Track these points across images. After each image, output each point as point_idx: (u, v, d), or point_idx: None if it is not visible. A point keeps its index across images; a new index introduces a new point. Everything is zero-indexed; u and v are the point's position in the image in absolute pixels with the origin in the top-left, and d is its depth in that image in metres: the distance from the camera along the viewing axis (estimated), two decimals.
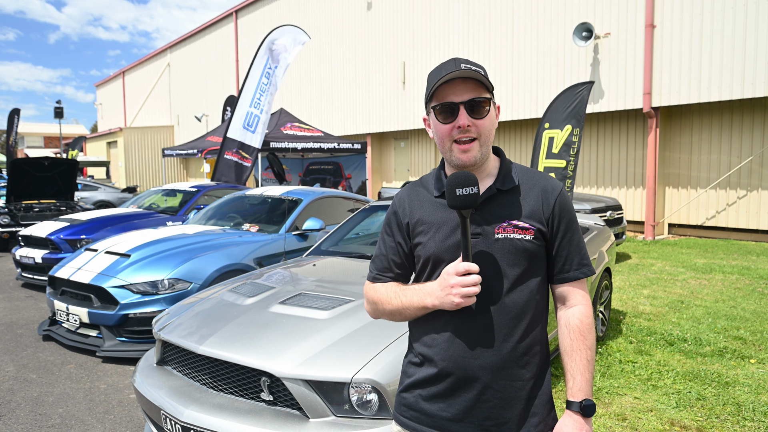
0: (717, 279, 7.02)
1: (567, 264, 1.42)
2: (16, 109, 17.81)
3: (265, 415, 2.22)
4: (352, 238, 4.46)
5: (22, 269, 7.11)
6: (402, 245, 1.49)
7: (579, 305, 1.43)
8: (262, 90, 10.90)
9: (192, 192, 8.18)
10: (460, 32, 14.42)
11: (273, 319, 2.64)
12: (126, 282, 4.39)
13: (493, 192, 1.41)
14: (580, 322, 1.41)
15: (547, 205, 1.41)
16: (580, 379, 1.38)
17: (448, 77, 1.34)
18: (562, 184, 1.46)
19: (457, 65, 1.35)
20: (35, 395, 3.74)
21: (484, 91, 1.37)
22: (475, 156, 1.38)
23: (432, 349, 1.40)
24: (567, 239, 1.42)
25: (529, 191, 1.42)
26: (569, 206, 1.45)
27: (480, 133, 1.37)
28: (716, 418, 3.24)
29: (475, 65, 1.38)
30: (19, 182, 10.14)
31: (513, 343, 1.36)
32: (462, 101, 1.35)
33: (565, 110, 6.31)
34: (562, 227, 1.42)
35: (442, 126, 1.38)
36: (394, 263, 1.50)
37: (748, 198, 10.23)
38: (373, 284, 1.53)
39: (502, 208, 1.40)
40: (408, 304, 1.41)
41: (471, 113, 1.36)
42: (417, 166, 17.00)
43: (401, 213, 1.50)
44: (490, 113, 1.39)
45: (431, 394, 1.40)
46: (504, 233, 1.37)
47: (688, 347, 4.46)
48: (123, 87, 36.17)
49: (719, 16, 9.70)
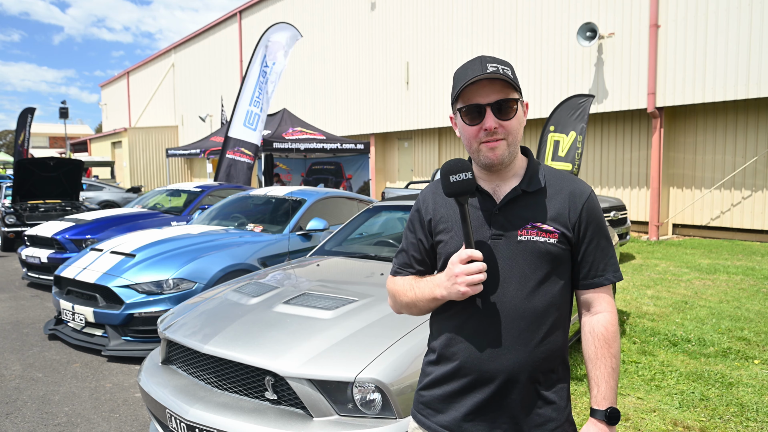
0: (721, 279, 7.00)
1: (593, 270, 1.39)
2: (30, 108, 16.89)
3: (269, 414, 2.24)
4: (356, 238, 4.47)
5: (27, 269, 7.15)
6: (423, 242, 1.49)
7: (604, 312, 1.40)
8: (260, 88, 11.01)
9: (196, 192, 8.21)
10: (464, 32, 14.42)
11: (277, 318, 2.65)
12: (131, 282, 4.42)
13: (518, 193, 1.38)
14: (605, 330, 1.39)
15: (574, 209, 1.38)
16: (605, 387, 1.36)
17: (475, 79, 1.31)
18: (591, 188, 1.43)
19: (483, 66, 1.32)
20: (41, 394, 3.77)
21: (511, 91, 1.34)
22: (503, 154, 1.35)
23: (449, 348, 1.40)
24: (594, 245, 1.39)
25: (555, 194, 1.39)
26: (597, 211, 1.41)
27: (508, 134, 1.35)
28: (719, 419, 3.24)
29: (503, 64, 1.34)
30: (24, 182, 10.20)
31: (532, 346, 1.34)
32: (488, 103, 1.32)
33: (569, 117, 6.36)
34: (589, 232, 1.39)
35: (469, 128, 1.36)
36: (414, 259, 1.51)
37: (752, 198, 10.19)
38: (393, 278, 1.55)
39: (526, 210, 1.37)
40: (420, 295, 1.42)
41: (498, 115, 1.33)
42: (420, 167, 16.99)
43: (424, 210, 1.50)
44: (517, 113, 1.36)
45: (447, 393, 1.40)
46: (527, 235, 1.35)
47: (691, 348, 4.46)
48: (127, 87, 36.29)
49: (724, 15, 9.67)
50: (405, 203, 4.35)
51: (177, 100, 29.89)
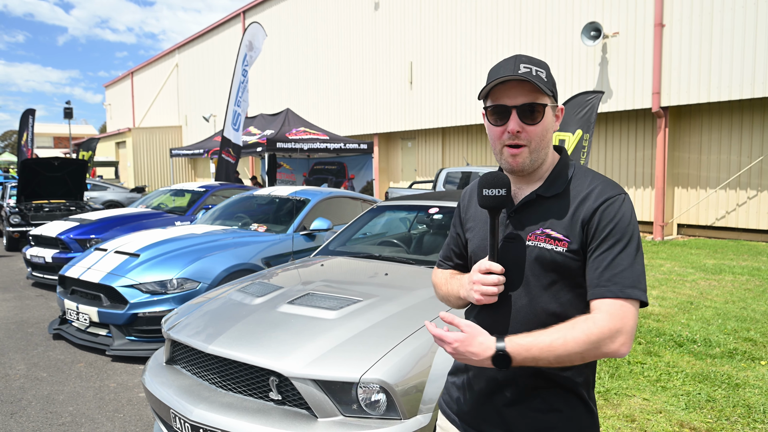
0: (727, 280, 6.97)
1: (595, 278, 1.25)
2: (30, 109, 17.57)
3: (273, 415, 2.23)
4: (360, 238, 4.47)
5: (32, 268, 7.17)
6: (460, 236, 1.54)
7: (598, 314, 1.21)
8: (243, 89, 11.49)
9: (200, 192, 8.22)
10: (468, 32, 14.40)
11: (281, 318, 2.65)
12: (135, 281, 4.42)
13: (532, 197, 1.35)
14: (585, 318, 1.21)
15: (587, 213, 1.29)
16: (528, 337, 1.20)
17: (503, 80, 1.28)
18: (618, 192, 1.31)
19: (516, 66, 1.28)
20: (46, 393, 3.78)
21: (541, 95, 1.29)
22: (524, 162, 1.32)
23: None
24: (603, 251, 1.25)
25: (575, 199, 1.32)
26: (618, 217, 1.26)
27: (530, 140, 1.30)
28: (726, 420, 3.21)
29: (538, 66, 1.30)
30: (29, 182, 10.24)
31: None
32: (515, 105, 1.29)
33: (575, 115, 6.33)
34: (600, 236, 1.26)
35: (494, 128, 1.34)
36: (453, 253, 1.57)
37: (758, 198, 10.14)
38: (436, 269, 1.63)
39: (538, 215, 1.34)
40: (450, 291, 1.49)
41: (523, 118, 1.29)
42: (424, 166, 16.98)
43: (462, 207, 1.55)
44: (544, 119, 1.30)
45: (459, 383, 1.46)
46: (535, 241, 1.32)
47: (697, 348, 4.43)
48: (132, 87, 36.40)
49: (729, 14, 9.62)
50: (409, 203, 4.34)
51: (181, 100, 29.95)
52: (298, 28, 20.76)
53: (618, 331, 1.19)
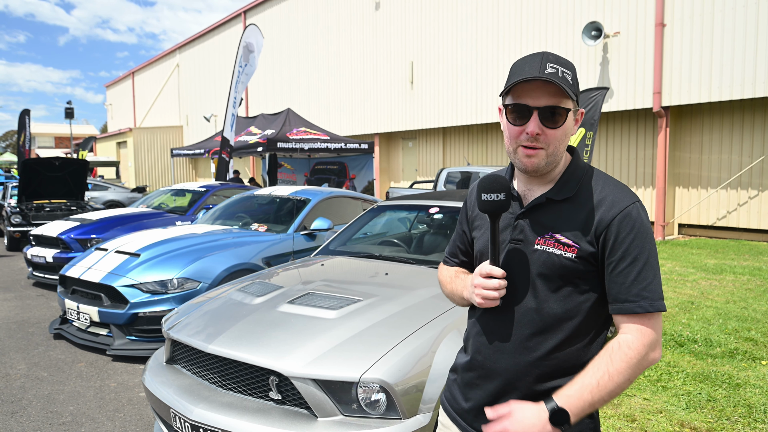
0: (728, 280, 6.96)
1: (622, 293, 1.23)
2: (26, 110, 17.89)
3: (273, 414, 2.23)
4: (361, 237, 4.47)
5: (33, 268, 7.18)
6: (466, 234, 1.54)
7: (628, 334, 1.22)
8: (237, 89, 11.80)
9: (201, 192, 8.23)
10: (469, 32, 14.39)
11: (281, 318, 2.65)
12: (136, 281, 4.43)
13: (542, 200, 1.32)
14: (618, 345, 1.21)
15: (602, 221, 1.24)
16: (576, 387, 1.19)
17: (528, 79, 1.22)
18: (633, 200, 1.27)
19: (543, 65, 1.22)
20: (46, 393, 3.78)
21: (565, 98, 1.24)
22: (539, 164, 1.28)
23: (468, 340, 1.45)
24: (628, 264, 1.22)
25: (586, 204, 1.28)
26: (635, 226, 1.24)
27: (549, 144, 1.26)
28: (727, 420, 3.21)
29: (565, 67, 1.24)
30: (30, 182, 10.25)
31: (533, 358, 1.29)
32: (537, 107, 1.24)
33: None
34: (619, 249, 1.23)
35: (513, 127, 1.28)
36: (459, 250, 1.57)
37: (759, 198, 10.13)
38: (442, 265, 1.63)
39: (548, 219, 1.30)
40: (454, 290, 1.50)
41: (544, 121, 1.24)
42: (425, 166, 16.98)
43: (469, 205, 1.53)
44: (565, 123, 1.26)
45: (462, 382, 1.45)
46: (544, 245, 1.28)
47: (698, 348, 4.43)
48: (132, 87, 36.43)
49: (730, 14, 9.61)
50: (409, 203, 4.34)
51: (182, 100, 29.97)
52: (299, 28, 20.77)
53: (652, 344, 1.22)
